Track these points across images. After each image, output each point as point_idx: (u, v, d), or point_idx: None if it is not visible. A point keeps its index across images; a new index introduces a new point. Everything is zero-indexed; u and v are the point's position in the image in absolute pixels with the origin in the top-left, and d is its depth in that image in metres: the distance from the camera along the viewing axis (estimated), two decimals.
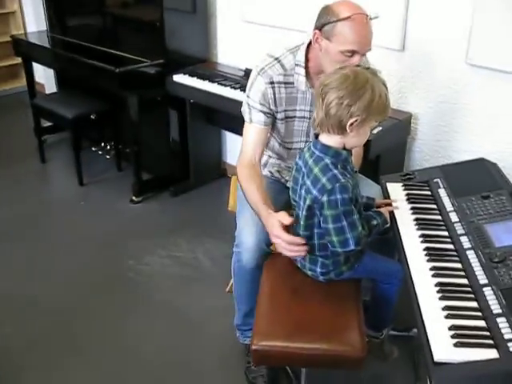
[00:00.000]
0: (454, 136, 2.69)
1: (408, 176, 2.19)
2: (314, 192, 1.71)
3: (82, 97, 3.93)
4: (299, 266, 1.96)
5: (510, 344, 1.34)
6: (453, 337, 1.39)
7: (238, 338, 2.37)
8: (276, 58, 2.07)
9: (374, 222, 1.83)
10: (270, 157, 2.35)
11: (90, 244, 3.16)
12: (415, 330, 2.36)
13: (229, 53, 3.64)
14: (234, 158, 3.73)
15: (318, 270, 1.88)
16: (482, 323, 1.44)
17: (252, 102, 2.07)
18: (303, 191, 1.78)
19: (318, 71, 2.04)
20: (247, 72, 3.26)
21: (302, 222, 1.82)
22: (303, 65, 2.04)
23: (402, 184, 2.14)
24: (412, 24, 2.63)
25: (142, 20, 3.57)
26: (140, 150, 3.52)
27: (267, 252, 2.08)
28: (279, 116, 2.12)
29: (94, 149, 4.16)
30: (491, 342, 1.37)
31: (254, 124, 2.10)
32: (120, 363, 2.37)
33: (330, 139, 1.71)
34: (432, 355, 1.36)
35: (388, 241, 2.22)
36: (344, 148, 1.74)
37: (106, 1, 3.82)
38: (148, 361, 2.38)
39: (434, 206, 1.98)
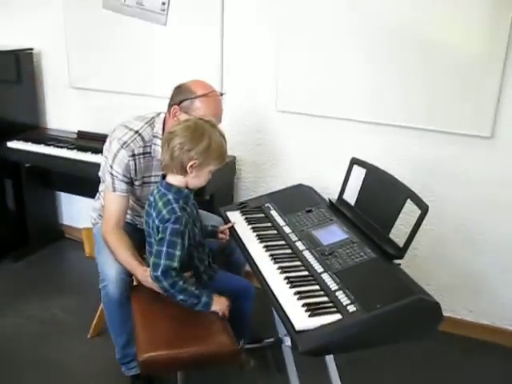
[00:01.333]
0: (272, 172, 3.18)
1: (243, 205, 2.58)
2: (157, 222, 1.98)
3: None
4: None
5: (348, 308, 1.74)
6: (306, 311, 1.75)
7: (124, 372, 2.49)
8: (136, 132, 2.29)
9: (196, 293, 2.00)
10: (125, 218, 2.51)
11: None
12: (266, 340, 2.71)
13: (59, 118, 3.81)
14: (71, 218, 3.91)
15: None
16: (325, 298, 1.82)
17: (115, 172, 2.26)
18: (150, 221, 2.04)
19: None
20: (80, 134, 3.50)
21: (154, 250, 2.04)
22: (160, 136, 2.30)
23: (239, 211, 2.52)
24: (227, 82, 3.08)
25: None
26: None
27: (130, 281, 2.27)
28: (137, 183, 2.34)
29: None
30: (335, 309, 1.75)
31: (118, 193, 2.28)
32: None
33: (174, 179, 2.01)
34: (294, 327, 1.69)
35: (234, 261, 2.58)
36: (187, 187, 2.03)
37: None
38: None
39: (270, 224, 2.37)
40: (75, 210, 3.96)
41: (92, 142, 3.41)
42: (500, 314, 3.01)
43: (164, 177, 2.06)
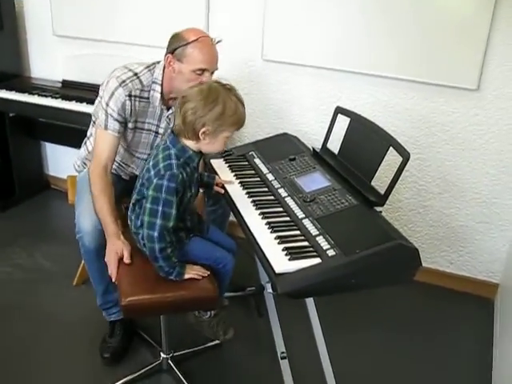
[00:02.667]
0: (258, 122, 3.17)
1: (227, 153, 2.57)
2: (152, 172, 1.90)
3: None
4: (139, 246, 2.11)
5: (327, 252, 1.75)
6: (286, 255, 1.76)
7: (105, 317, 2.52)
8: (136, 74, 2.25)
9: (175, 263, 1.95)
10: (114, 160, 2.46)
11: None
12: (249, 289, 2.75)
13: (43, 67, 3.75)
14: (56, 169, 3.90)
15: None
16: (306, 243, 1.83)
17: (111, 110, 2.22)
18: (144, 170, 1.98)
19: (169, 91, 2.29)
20: (65, 83, 3.46)
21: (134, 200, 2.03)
22: (160, 83, 2.27)
23: (223, 159, 2.51)
24: (213, 31, 3.04)
25: None
26: None
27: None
28: (130, 125, 2.30)
29: None
30: (315, 253, 1.77)
31: (109, 131, 2.24)
32: None
33: (186, 142, 1.92)
34: (274, 270, 1.71)
35: (218, 210, 2.59)
36: (200, 152, 1.95)
37: None
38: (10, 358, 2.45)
39: (253, 172, 2.37)
40: (60, 161, 3.94)
41: (77, 91, 3.37)
42: (480, 266, 3.07)
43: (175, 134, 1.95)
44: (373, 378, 2.46)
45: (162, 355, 2.39)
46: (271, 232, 1.91)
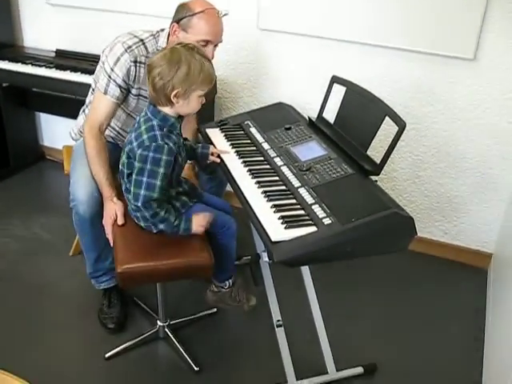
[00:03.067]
0: (253, 92, 3.16)
1: (223, 122, 2.56)
2: (134, 144, 1.93)
3: None
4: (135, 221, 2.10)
5: (323, 220, 1.76)
6: (282, 223, 1.77)
7: (94, 286, 2.54)
8: (141, 40, 2.25)
9: (175, 222, 1.97)
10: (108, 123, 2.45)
11: None
12: (245, 258, 2.76)
13: (36, 36, 3.70)
14: (51, 139, 3.88)
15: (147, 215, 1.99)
16: (302, 212, 1.84)
17: (115, 75, 2.21)
18: (126, 142, 2.00)
19: None
20: (58, 53, 3.43)
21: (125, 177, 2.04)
22: None
23: (219, 129, 2.51)
24: None
25: None
26: None
27: (100, 199, 2.23)
28: (134, 92, 2.30)
29: None
30: (311, 222, 1.78)
31: (108, 97, 2.24)
32: None
33: (163, 109, 1.93)
34: (270, 238, 1.71)
35: (215, 179, 2.59)
36: (179, 116, 1.97)
37: None
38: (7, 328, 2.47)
39: (249, 141, 2.37)
40: (55, 131, 3.92)
41: (71, 60, 3.36)
42: (474, 236, 3.09)
43: (154, 105, 1.97)
44: (366, 343, 2.50)
45: (159, 323, 2.41)
46: (267, 201, 1.92)
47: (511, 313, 2.20)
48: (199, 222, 2.03)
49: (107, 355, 2.32)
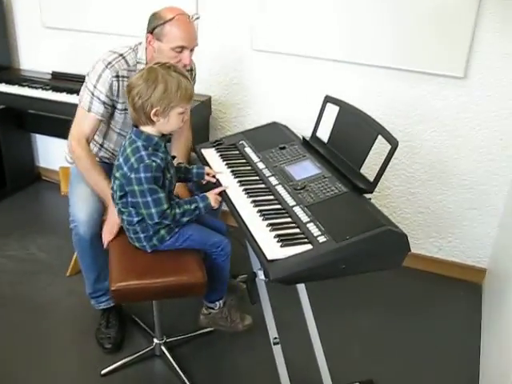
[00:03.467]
0: (248, 112, 3.20)
1: (218, 142, 2.59)
2: (125, 169, 1.96)
3: None
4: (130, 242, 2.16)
5: (318, 238, 1.78)
6: (278, 242, 1.79)
7: (94, 306, 2.55)
8: (121, 55, 2.29)
9: (193, 206, 2.05)
10: (102, 146, 2.51)
11: None
12: (241, 276, 2.77)
13: (32, 59, 3.74)
14: (47, 161, 3.90)
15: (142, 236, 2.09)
16: (297, 230, 1.86)
17: (98, 92, 2.25)
18: (116, 167, 2.03)
19: None
20: (54, 75, 3.46)
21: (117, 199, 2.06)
22: (144, 62, 2.30)
23: (214, 148, 2.54)
24: (202, 21, 3.04)
25: None
26: None
27: (100, 220, 2.28)
28: (119, 106, 2.33)
29: None
30: (306, 240, 1.80)
31: (92, 114, 2.27)
32: None
33: (145, 129, 1.97)
34: (266, 256, 1.74)
35: None
36: (163, 135, 2.00)
37: None
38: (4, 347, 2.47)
39: (244, 161, 2.39)
40: (51, 152, 3.94)
41: (67, 82, 3.39)
42: (468, 252, 3.12)
43: (136, 126, 2.01)
44: (363, 359, 2.51)
45: (155, 341, 2.43)
46: (263, 220, 1.94)
47: (506, 327, 2.22)
48: (215, 197, 2.11)
49: (103, 372, 2.34)
